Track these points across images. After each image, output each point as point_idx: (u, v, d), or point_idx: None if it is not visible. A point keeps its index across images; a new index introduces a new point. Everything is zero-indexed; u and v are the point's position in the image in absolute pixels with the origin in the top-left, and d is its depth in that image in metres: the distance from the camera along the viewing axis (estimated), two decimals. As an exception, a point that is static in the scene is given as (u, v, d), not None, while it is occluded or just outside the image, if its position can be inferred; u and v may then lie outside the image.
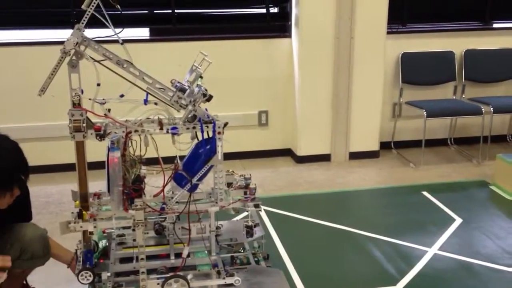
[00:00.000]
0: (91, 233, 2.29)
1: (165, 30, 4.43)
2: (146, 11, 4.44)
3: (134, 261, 2.39)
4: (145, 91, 2.25)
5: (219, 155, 2.31)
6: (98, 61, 2.21)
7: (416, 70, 4.70)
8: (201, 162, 2.34)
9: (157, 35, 4.44)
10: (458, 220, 3.37)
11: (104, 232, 2.59)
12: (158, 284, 2.28)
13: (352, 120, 4.50)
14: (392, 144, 4.81)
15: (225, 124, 2.31)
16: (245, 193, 2.48)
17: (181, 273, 2.29)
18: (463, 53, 4.75)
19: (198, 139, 2.34)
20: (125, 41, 2.24)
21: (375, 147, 4.65)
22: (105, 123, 2.28)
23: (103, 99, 2.24)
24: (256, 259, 2.52)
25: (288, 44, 4.45)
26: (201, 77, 2.29)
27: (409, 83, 4.70)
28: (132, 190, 2.29)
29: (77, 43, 2.17)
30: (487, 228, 3.26)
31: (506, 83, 4.84)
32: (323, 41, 4.29)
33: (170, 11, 4.33)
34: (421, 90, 4.74)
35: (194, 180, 2.33)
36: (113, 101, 2.23)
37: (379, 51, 4.40)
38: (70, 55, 2.19)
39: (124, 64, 2.23)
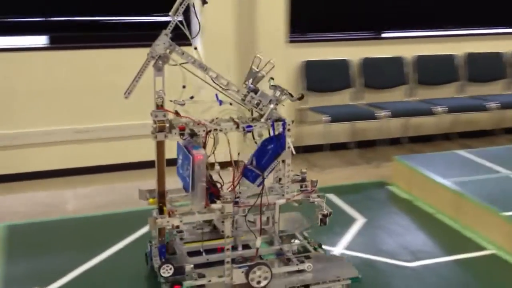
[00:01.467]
0: (177, 227, 2.41)
1: (63, 38, 4.31)
2: (42, 19, 4.30)
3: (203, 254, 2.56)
4: (222, 92, 2.44)
5: (292, 151, 2.50)
6: (181, 64, 2.36)
7: (319, 77, 4.91)
8: (269, 158, 2.51)
9: (56, 43, 4.31)
10: (362, 220, 3.56)
11: None
12: (242, 272, 2.42)
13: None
14: (298, 149, 4.97)
15: (293, 121, 2.53)
16: (301, 186, 2.65)
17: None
18: (359, 61, 5.04)
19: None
20: (23, 49, 2.21)
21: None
22: (185, 123, 2.42)
23: (183, 100, 2.38)
24: (313, 247, 2.76)
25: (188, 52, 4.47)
26: (272, 78, 2.51)
27: (313, 90, 4.90)
28: (212, 186, 2.43)
29: (167, 48, 2.35)
30: (388, 226, 3.47)
31: (400, 88, 5.18)
32: (224, 50, 4.35)
33: (68, 18, 4.25)
34: (324, 96, 4.96)
35: (265, 175, 2.48)
36: (191, 102, 2.39)
37: (280, 59, 4.55)
38: (156, 59, 2.35)
39: (205, 68, 2.44)
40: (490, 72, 5.38)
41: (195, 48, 2.42)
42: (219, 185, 2.50)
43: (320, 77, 4.91)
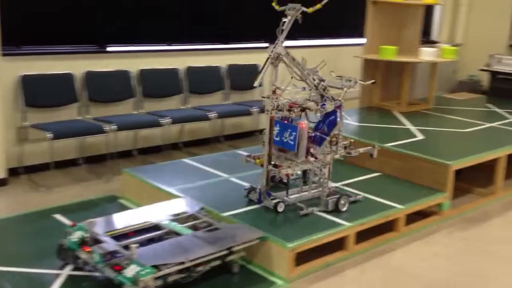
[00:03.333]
0: (288, 175, 3.49)
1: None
2: None
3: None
4: (304, 81, 3.56)
5: (342, 120, 3.59)
6: (288, 64, 3.47)
7: (39, 92, 4.63)
8: (331, 126, 3.56)
9: None
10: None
11: (74, 225, 3.06)
12: (332, 200, 3.57)
13: None
14: (20, 169, 4.61)
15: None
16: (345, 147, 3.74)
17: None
18: (83, 74, 4.92)
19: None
20: None
21: (1, 174, 4.37)
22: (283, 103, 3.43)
23: (285, 88, 3.46)
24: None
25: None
26: (332, 71, 3.85)
27: (34, 106, 4.60)
28: (312, 144, 3.54)
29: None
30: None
31: (128, 102, 5.23)
32: None
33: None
34: (48, 112, 4.69)
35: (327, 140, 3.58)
36: (289, 89, 3.48)
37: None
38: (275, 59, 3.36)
39: (302, 66, 3.51)
40: (209, 84, 5.82)
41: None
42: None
43: (41, 92, 4.64)
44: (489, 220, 4.15)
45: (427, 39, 7.95)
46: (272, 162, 3.47)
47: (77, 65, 4.88)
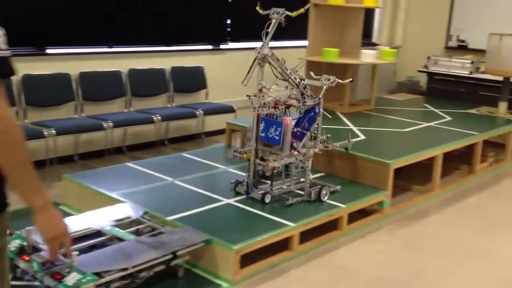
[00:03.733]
0: (274, 169, 3.66)
1: None
2: None
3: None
4: (287, 80, 3.81)
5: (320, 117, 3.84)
6: (272, 65, 3.73)
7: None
8: (311, 122, 3.83)
9: None
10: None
11: (11, 233, 2.91)
12: (315, 191, 3.82)
13: None
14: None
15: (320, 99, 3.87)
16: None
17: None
18: (20, 78, 4.76)
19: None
20: None
21: None
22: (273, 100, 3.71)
23: (270, 87, 3.72)
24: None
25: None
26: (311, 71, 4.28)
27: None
28: (294, 139, 3.75)
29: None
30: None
31: (69, 105, 5.09)
32: None
33: None
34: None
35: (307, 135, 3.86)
36: (275, 87, 3.76)
37: None
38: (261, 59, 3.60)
39: (284, 65, 3.75)
40: (153, 87, 5.75)
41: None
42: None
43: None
44: (427, 217, 4.31)
45: (368, 42, 8.15)
46: (260, 156, 3.73)
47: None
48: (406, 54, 8.50)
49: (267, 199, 3.72)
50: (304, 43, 5.96)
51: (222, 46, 6.35)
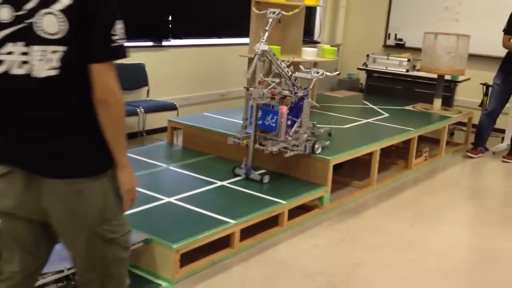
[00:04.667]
0: (272, 152, 4.07)
1: None
2: None
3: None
4: (280, 74, 4.20)
5: (308, 106, 4.33)
6: (270, 59, 4.14)
7: None
8: (300, 112, 4.34)
9: None
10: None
11: None
12: (309, 145, 4.26)
13: None
14: None
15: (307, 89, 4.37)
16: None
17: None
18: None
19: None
20: None
21: None
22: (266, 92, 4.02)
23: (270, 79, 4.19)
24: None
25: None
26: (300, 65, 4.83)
27: None
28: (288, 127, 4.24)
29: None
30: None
31: None
32: None
33: None
34: None
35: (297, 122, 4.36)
36: (271, 79, 4.20)
37: None
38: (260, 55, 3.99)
39: (278, 60, 4.18)
40: (133, 81, 5.87)
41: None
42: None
43: None
44: (365, 211, 4.43)
45: (310, 40, 8.27)
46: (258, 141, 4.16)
47: None
48: (347, 52, 8.69)
49: (266, 179, 4.11)
50: (247, 40, 5.98)
51: (163, 43, 6.28)
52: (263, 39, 4.03)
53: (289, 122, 4.25)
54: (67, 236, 1.95)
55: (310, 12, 8.24)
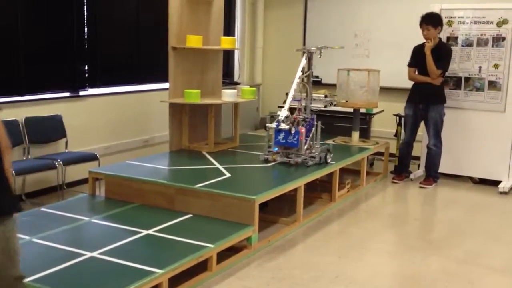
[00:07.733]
0: (297, 163, 5.39)
1: None
2: None
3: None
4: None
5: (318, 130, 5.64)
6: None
7: None
8: (310, 133, 5.59)
9: None
10: None
11: None
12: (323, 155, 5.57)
13: None
14: None
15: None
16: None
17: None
18: None
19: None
20: None
21: None
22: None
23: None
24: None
25: None
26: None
27: None
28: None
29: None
30: None
31: None
32: None
33: None
34: None
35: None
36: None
37: None
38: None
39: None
40: (50, 133, 5.74)
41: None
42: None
43: None
44: (293, 247, 4.47)
45: (230, 81, 8.40)
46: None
47: None
48: (267, 91, 8.89)
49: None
50: (166, 85, 5.99)
51: (80, 93, 6.16)
52: (299, 75, 5.77)
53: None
54: None
55: (228, 54, 8.40)
